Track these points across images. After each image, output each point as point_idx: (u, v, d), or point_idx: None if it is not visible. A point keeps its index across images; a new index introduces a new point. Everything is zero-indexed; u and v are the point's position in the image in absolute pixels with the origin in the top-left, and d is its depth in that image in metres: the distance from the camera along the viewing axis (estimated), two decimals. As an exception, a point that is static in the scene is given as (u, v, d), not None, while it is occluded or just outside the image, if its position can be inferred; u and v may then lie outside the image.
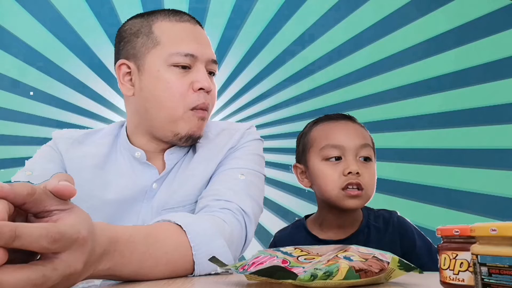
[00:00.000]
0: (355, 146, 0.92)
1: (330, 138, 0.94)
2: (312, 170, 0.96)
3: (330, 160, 0.93)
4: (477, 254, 0.37)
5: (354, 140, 0.93)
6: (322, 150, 0.94)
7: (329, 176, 0.92)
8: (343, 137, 0.93)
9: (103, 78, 2.08)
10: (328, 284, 0.44)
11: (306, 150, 0.99)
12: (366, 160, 0.94)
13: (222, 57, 2.15)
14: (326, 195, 0.93)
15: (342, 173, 0.91)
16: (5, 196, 0.34)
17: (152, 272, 0.53)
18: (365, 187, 0.91)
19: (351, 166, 0.90)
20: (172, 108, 0.80)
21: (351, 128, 0.96)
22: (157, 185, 0.85)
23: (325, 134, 0.96)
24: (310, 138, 0.99)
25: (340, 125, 0.97)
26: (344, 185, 0.90)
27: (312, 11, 2.17)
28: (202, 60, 0.82)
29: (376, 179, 0.96)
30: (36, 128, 2.09)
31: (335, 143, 0.93)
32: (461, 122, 2.05)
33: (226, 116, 2.16)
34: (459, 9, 2.08)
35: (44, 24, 2.12)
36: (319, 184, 0.94)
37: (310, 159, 0.97)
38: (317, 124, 1.00)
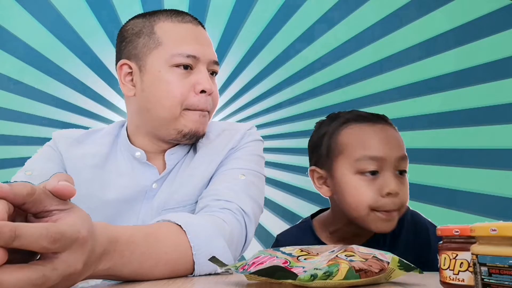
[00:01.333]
0: (395, 158, 0.79)
1: (368, 148, 0.79)
2: (340, 181, 0.82)
3: (366, 174, 0.79)
4: (477, 254, 0.37)
5: (395, 151, 0.79)
6: (357, 162, 0.79)
7: (362, 194, 0.78)
8: (383, 147, 0.79)
9: (103, 78, 2.08)
10: (328, 284, 0.44)
11: (332, 156, 0.83)
12: (402, 174, 0.81)
13: (222, 57, 2.15)
14: (353, 214, 0.81)
15: (379, 193, 0.77)
16: (5, 196, 0.34)
17: (152, 272, 0.53)
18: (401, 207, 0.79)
19: (390, 185, 0.77)
20: (171, 107, 0.80)
21: (391, 135, 0.82)
22: (157, 185, 0.85)
23: (361, 141, 0.81)
24: (339, 142, 0.83)
25: (378, 131, 0.82)
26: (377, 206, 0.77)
27: (312, 11, 2.17)
28: (204, 61, 0.82)
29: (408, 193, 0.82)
30: (36, 128, 2.09)
31: (374, 155, 0.78)
32: (461, 122, 2.05)
33: (226, 116, 2.16)
34: (459, 9, 2.08)
35: (44, 24, 2.12)
36: (347, 201, 0.81)
37: (338, 168, 0.82)
38: (348, 125, 0.84)
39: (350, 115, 0.86)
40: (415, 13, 2.11)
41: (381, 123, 0.84)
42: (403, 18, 2.12)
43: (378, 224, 0.79)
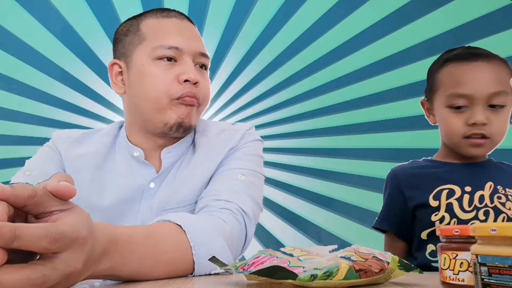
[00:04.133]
0: (485, 95, 0.86)
1: (458, 86, 0.88)
2: (437, 113, 0.94)
3: (455, 108, 0.89)
4: (477, 254, 0.37)
5: (485, 88, 0.86)
6: (448, 97, 0.89)
7: (452, 125, 0.89)
8: (472, 85, 0.87)
9: (103, 78, 2.08)
10: (328, 284, 0.44)
11: (432, 91, 0.96)
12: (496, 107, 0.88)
13: (222, 57, 2.15)
14: (449, 141, 0.93)
15: (466, 123, 0.87)
16: (6, 199, 0.34)
17: (152, 272, 0.53)
18: (491, 136, 0.88)
19: (476, 116, 0.86)
20: (156, 98, 0.80)
21: (485, 72, 0.88)
22: (155, 184, 0.85)
23: (453, 79, 0.90)
24: (437, 79, 0.94)
25: (472, 68, 0.89)
26: (467, 134, 0.88)
27: (312, 11, 2.17)
28: (189, 52, 0.82)
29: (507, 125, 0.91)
30: (36, 128, 2.09)
31: (462, 92, 0.87)
32: (461, 122, 2.05)
33: (226, 116, 2.16)
34: (459, 9, 2.08)
35: (44, 24, 2.12)
36: (443, 129, 0.94)
37: (435, 102, 0.94)
38: (446, 64, 0.93)
39: (450, 54, 0.95)
40: (415, 13, 2.11)
41: (477, 61, 0.90)
42: (403, 18, 2.12)
43: (468, 149, 0.89)
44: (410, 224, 0.95)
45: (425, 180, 0.93)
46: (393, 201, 0.97)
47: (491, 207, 0.87)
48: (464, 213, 0.87)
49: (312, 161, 2.13)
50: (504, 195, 0.89)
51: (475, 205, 0.87)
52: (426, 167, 0.97)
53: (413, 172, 0.97)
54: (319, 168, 2.14)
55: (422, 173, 0.96)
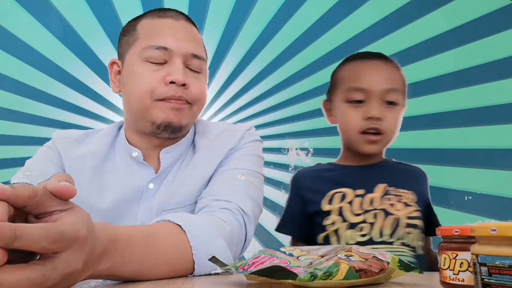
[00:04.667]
0: (381, 90, 0.90)
1: (356, 80, 0.91)
2: (336, 109, 0.96)
3: (353, 102, 0.91)
4: (477, 254, 0.37)
5: (381, 84, 0.90)
6: (346, 92, 0.92)
7: (349, 118, 0.91)
8: (369, 80, 0.91)
9: (103, 78, 2.08)
10: (328, 284, 0.44)
11: (332, 89, 0.98)
12: (391, 104, 0.91)
13: (222, 57, 2.15)
14: (345, 137, 0.95)
15: (363, 117, 0.90)
16: (6, 199, 0.34)
17: (152, 272, 0.53)
18: (385, 132, 0.90)
19: (372, 110, 0.89)
20: (140, 97, 0.80)
21: (381, 70, 0.93)
22: (154, 185, 0.84)
23: (351, 75, 0.93)
24: (337, 76, 0.97)
25: (369, 66, 0.93)
26: (363, 129, 0.90)
27: (312, 11, 2.17)
28: (179, 54, 0.81)
29: (399, 125, 0.95)
30: (36, 128, 2.09)
31: (359, 86, 0.90)
32: (461, 122, 2.05)
33: (226, 116, 2.16)
34: (459, 9, 2.08)
35: (44, 24, 2.12)
36: (341, 125, 0.95)
37: (335, 99, 0.96)
38: (347, 63, 0.97)
39: (352, 55, 0.99)
40: (415, 13, 2.11)
41: (374, 60, 0.95)
42: (403, 18, 2.12)
43: (364, 146, 0.91)
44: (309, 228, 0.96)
45: (322, 185, 0.95)
46: (293, 205, 0.98)
47: (380, 209, 0.89)
48: (354, 216, 0.89)
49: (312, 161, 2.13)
50: (395, 196, 0.91)
51: (364, 208, 0.90)
52: (325, 171, 0.99)
53: (313, 176, 0.98)
54: (319, 168, 2.14)
55: (320, 177, 0.97)
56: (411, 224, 0.89)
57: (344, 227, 0.89)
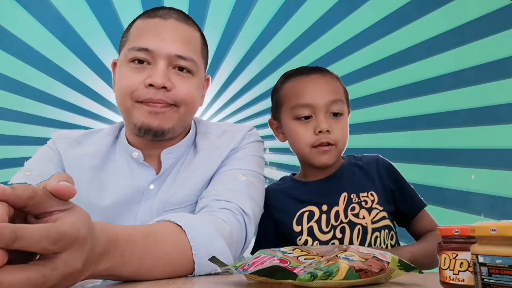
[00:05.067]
0: (325, 103, 0.92)
1: (300, 97, 0.93)
2: (285, 127, 0.97)
3: (301, 119, 0.93)
4: (477, 254, 0.37)
5: (325, 97, 0.92)
6: (293, 110, 0.93)
7: (300, 135, 0.93)
8: (313, 95, 0.92)
9: (103, 78, 2.08)
10: (328, 284, 0.44)
11: (278, 107, 0.99)
12: (336, 116, 0.93)
13: (222, 57, 2.15)
14: (299, 153, 0.96)
15: (313, 132, 0.91)
16: (6, 199, 0.34)
17: (152, 272, 0.53)
18: (335, 143, 0.92)
19: (321, 125, 0.91)
20: (121, 99, 0.81)
21: (322, 83, 0.95)
22: (154, 186, 0.84)
23: (295, 92, 0.95)
24: (281, 95, 0.98)
25: (310, 81, 0.95)
26: (315, 144, 0.92)
27: (312, 11, 2.17)
28: (162, 55, 0.79)
29: (348, 132, 0.97)
30: (36, 128, 2.09)
31: (305, 102, 0.92)
32: (461, 122, 2.05)
33: (226, 116, 2.16)
34: (459, 9, 2.08)
35: (44, 24, 2.12)
36: (292, 142, 0.97)
37: (282, 117, 0.98)
38: (288, 80, 0.99)
39: (291, 71, 1.01)
40: (415, 13, 2.11)
41: (314, 74, 0.97)
42: (403, 18, 2.12)
43: (318, 158, 0.93)
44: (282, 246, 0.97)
45: (289, 204, 0.96)
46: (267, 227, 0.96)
47: (345, 222, 0.91)
48: (322, 234, 0.91)
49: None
50: (358, 204, 0.93)
51: (331, 224, 0.91)
52: (290, 189, 0.99)
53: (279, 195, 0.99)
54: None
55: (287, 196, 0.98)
56: (377, 228, 0.91)
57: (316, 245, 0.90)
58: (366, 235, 0.90)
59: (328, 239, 0.91)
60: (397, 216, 0.97)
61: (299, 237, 0.92)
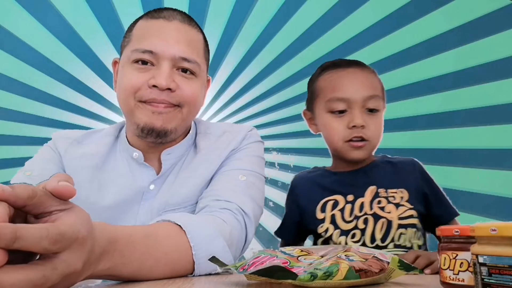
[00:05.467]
0: (362, 98, 0.91)
1: (336, 90, 0.92)
2: (318, 120, 0.97)
3: (335, 113, 0.92)
4: (477, 254, 0.37)
5: (362, 92, 0.91)
6: (327, 103, 0.93)
7: (334, 129, 0.93)
8: (349, 89, 0.91)
9: (103, 78, 2.08)
10: (328, 284, 0.44)
11: (313, 99, 0.99)
12: (372, 111, 0.92)
13: (222, 57, 2.15)
14: (332, 146, 0.96)
15: (346, 126, 0.91)
16: (6, 199, 0.34)
17: (152, 272, 0.53)
18: (369, 138, 0.92)
19: (355, 119, 0.90)
20: (124, 99, 0.81)
21: (360, 77, 0.94)
22: (154, 186, 0.84)
23: (331, 85, 0.94)
24: (317, 87, 0.98)
25: (348, 75, 0.94)
26: (348, 138, 0.91)
27: (312, 11, 2.17)
28: (166, 57, 0.79)
29: (382, 129, 0.95)
30: (36, 128, 2.09)
31: (341, 96, 0.91)
32: (461, 122, 2.05)
33: (226, 116, 2.16)
34: (459, 9, 2.08)
35: (44, 24, 2.12)
36: (325, 135, 0.97)
37: (316, 109, 0.97)
38: (324, 72, 0.98)
39: (328, 63, 1.01)
40: (415, 13, 2.11)
41: (352, 68, 0.96)
42: (403, 18, 2.12)
43: (350, 153, 0.93)
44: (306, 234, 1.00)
45: (316, 192, 0.97)
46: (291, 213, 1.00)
47: (370, 214, 0.90)
48: (345, 223, 0.91)
49: (312, 161, 2.13)
50: (385, 198, 0.92)
51: (355, 215, 0.91)
52: (319, 177, 1.00)
53: (308, 183, 1.00)
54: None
55: (315, 185, 0.99)
56: (403, 224, 0.89)
57: (336, 234, 0.90)
58: (390, 230, 0.88)
59: (350, 228, 0.90)
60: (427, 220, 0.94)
61: (321, 225, 0.92)
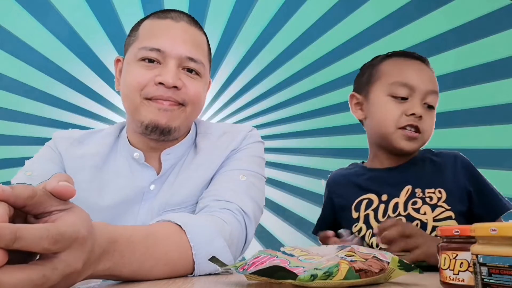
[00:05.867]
0: (425, 89, 0.89)
1: (403, 75, 0.91)
2: (374, 102, 0.94)
3: (397, 98, 0.90)
4: (477, 254, 0.37)
5: (426, 83, 0.90)
6: (391, 86, 0.91)
7: (390, 112, 0.89)
8: (415, 77, 0.90)
9: (103, 78, 2.08)
10: (328, 284, 0.44)
11: (371, 81, 0.96)
12: (430, 108, 0.91)
13: (222, 57, 2.15)
14: (382, 131, 0.91)
15: (404, 113, 0.88)
16: (6, 199, 0.34)
17: (152, 272, 0.53)
18: (423, 131, 0.89)
19: (415, 108, 0.88)
20: (130, 97, 0.81)
21: (425, 70, 0.93)
22: (155, 186, 0.84)
23: (397, 69, 0.92)
24: (379, 69, 0.95)
25: (416, 65, 0.93)
26: (403, 124, 0.88)
27: (312, 11, 2.17)
28: (173, 56, 0.80)
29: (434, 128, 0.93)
30: (36, 128, 2.09)
31: (406, 82, 0.89)
32: (461, 122, 2.05)
33: (226, 116, 2.16)
34: (459, 9, 2.08)
35: (44, 24, 2.12)
36: (378, 118, 0.92)
37: (374, 91, 0.94)
38: (390, 58, 0.97)
39: (394, 52, 0.98)
40: (415, 13, 2.11)
41: (419, 61, 0.94)
42: (403, 18, 2.12)
43: (401, 142, 0.89)
44: None
45: (351, 191, 0.95)
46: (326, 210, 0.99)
47: (404, 215, 0.87)
48: (378, 223, 0.88)
49: (312, 161, 2.13)
50: (421, 199, 0.89)
51: (388, 215, 0.89)
52: (355, 175, 0.98)
53: (343, 181, 0.98)
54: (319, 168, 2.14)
55: (350, 183, 0.97)
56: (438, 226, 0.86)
57: (369, 234, 0.89)
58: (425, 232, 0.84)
59: None
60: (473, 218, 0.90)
61: (356, 224, 0.91)
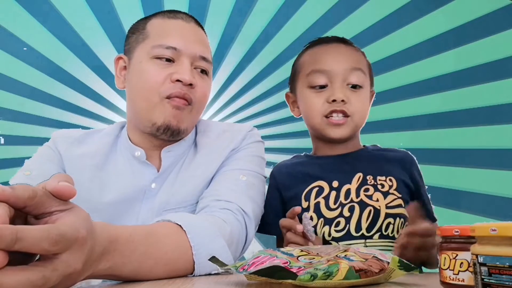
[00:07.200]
0: (343, 70, 0.86)
1: (317, 63, 0.88)
2: (299, 98, 0.92)
3: (316, 88, 0.87)
4: (477, 254, 0.37)
5: (343, 64, 0.87)
6: (308, 76, 0.88)
7: (313, 104, 0.87)
8: (330, 62, 0.87)
9: (103, 78, 2.08)
10: (328, 284, 0.44)
11: (294, 77, 0.94)
12: (355, 88, 0.87)
13: (222, 57, 2.15)
14: (311, 124, 0.91)
15: (326, 101, 0.86)
16: (6, 200, 0.34)
17: (152, 272, 0.53)
18: (351, 114, 0.86)
19: (336, 93, 0.85)
20: (147, 96, 0.80)
21: (342, 51, 0.90)
22: (156, 185, 0.84)
23: (312, 58, 0.90)
24: (298, 63, 0.94)
25: (330, 48, 0.90)
26: (327, 112, 0.86)
27: (312, 11, 2.17)
28: (187, 54, 0.82)
29: (367, 107, 0.91)
30: (36, 128, 2.09)
31: (320, 68, 0.87)
32: (461, 122, 2.05)
33: (226, 116, 2.16)
34: (459, 9, 2.08)
35: (44, 24, 2.12)
36: (305, 112, 0.91)
37: (298, 87, 0.92)
38: (307, 49, 0.94)
39: (310, 42, 0.95)
40: (415, 13, 2.11)
41: (336, 43, 0.92)
42: (403, 18, 2.12)
43: (330, 130, 0.87)
44: None
45: (298, 180, 0.90)
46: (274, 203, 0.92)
47: (356, 202, 0.84)
48: (329, 211, 0.85)
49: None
50: (373, 186, 0.86)
51: (340, 202, 0.85)
52: (300, 165, 0.94)
53: (289, 171, 0.94)
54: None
55: (296, 172, 0.92)
56: (391, 213, 0.84)
57: (320, 223, 0.84)
58: (378, 219, 0.83)
59: (334, 216, 0.84)
60: None
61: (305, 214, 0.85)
